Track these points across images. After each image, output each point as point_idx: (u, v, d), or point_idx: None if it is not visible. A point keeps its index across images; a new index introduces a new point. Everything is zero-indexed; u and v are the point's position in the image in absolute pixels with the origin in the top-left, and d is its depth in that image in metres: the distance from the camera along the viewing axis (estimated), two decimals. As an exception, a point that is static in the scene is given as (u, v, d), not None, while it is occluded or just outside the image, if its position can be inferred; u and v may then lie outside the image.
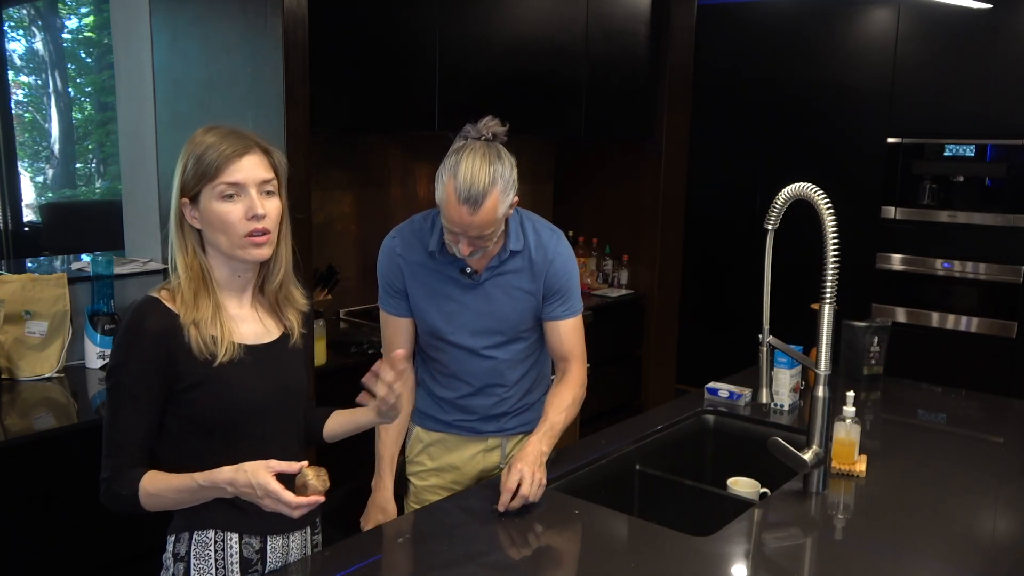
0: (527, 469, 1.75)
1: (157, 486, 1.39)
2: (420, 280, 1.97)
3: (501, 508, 1.71)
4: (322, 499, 1.37)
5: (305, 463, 1.38)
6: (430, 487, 2.07)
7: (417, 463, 2.10)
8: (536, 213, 2.10)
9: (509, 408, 2.04)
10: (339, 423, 1.65)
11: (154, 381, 1.41)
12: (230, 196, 1.41)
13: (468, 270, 1.94)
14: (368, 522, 1.96)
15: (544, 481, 1.78)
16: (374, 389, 1.51)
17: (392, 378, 1.50)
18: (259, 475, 1.32)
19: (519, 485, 1.72)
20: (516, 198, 1.88)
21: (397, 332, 2.02)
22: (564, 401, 1.96)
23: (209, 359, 1.42)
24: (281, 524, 1.54)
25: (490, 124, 1.89)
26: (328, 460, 1.68)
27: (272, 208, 1.45)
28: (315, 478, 1.37)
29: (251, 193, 1.42)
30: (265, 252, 1.46)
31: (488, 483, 1.90)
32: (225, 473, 1.35)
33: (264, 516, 1.51)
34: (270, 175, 1.45)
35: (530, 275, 1.97)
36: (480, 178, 1.79)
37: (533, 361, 2.07)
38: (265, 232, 1.43)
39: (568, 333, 2.01)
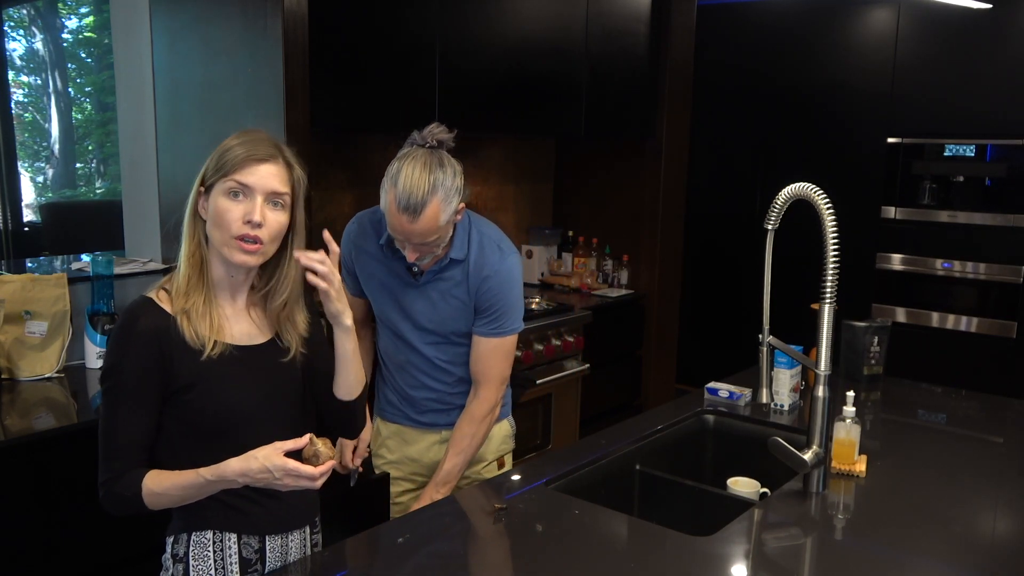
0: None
1: (162, 485, 1.39)
2: (370, 270, 2.04)
3: None
4: (336, 463, 1.41)
5: (310, 435, 1.40)
6: (393, 480, 2.15)
7: (379, 456, 2.18)
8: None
9: (456, 404, 2.09)
10: (338, 374, 1.62)
11: (149, 381, 1.41)
12: (235, 194, 1.42)
13: (415, 268, 1.99)
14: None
15: None
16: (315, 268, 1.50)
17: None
18: (273, 458, 1.34)
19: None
20: (462, 205, 1.91)
21: (353, 307, 2.03)
22: (463, 440, 2.03)
23: (200, 349, 1.42)
24: (279, 523, 1.55)
25: (435, 131, 1.90)
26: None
27: (273, 221, 1.44)
28: (323, 446, 1.40)
29: (256, 199, 1.42)
30: (251, 260, 1.45)
31: (487, 483, 1.90)
32: (234, 465, 1.36)
33: (262, 516, 1.51)
34: (284, 189, 1.45)
35: (465, 287, 2.00)
36: (419, 187, 1.80)
37: None
38: (257, 240, 1.42)
39: (486, 352, 2.02)
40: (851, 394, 1.95)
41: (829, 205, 1.75)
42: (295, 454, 1.37)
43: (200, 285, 1.46)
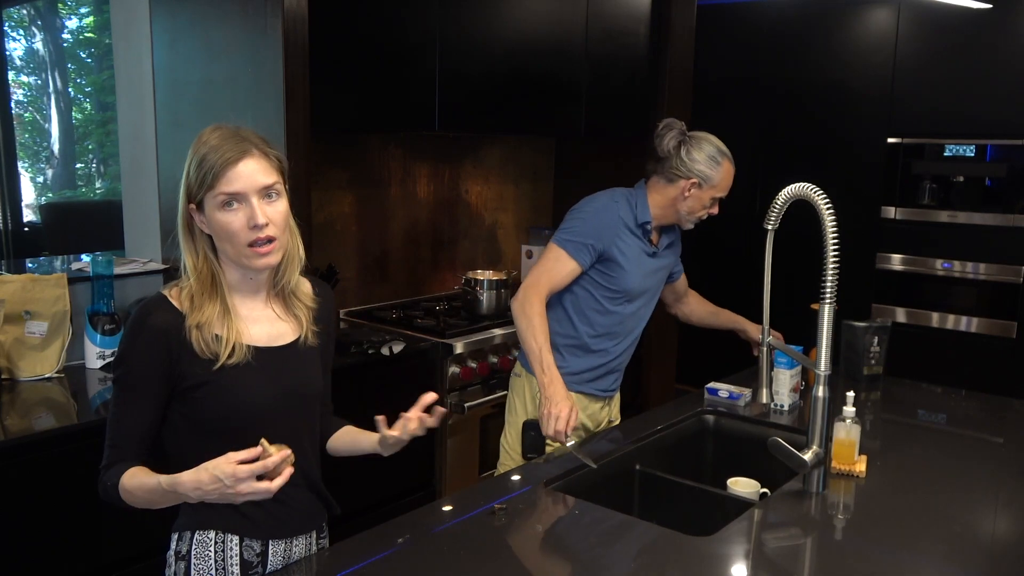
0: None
1: (132, 484, 1.38)
2: (628, 244, 2.31)
3: None
4: (289, 454, 1.34)
5: (262, 439, 1.34)
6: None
7: None
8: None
9: (623, 367, 2.47)
10: (344, 442, 1.65)
11: (155, 377, 1.41)
12: (230, 204, 1.39)
13: (653, 240, 2.37)
14: (566, 408, 2.04)
15: None
16: (397, 427, 1.51)
17: (432, 422, 1.52)
18: (223, 466, 1.28)
19: None
20: None
21: (570, 275, 2.27)
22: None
23: (212, 359, 1.42)
24: (284, 529, 1.54)
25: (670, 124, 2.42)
26: (333, 466, 1.68)
27: (276, 213, 1.42)
28: (276, 450, 1.33)
29: (252, 201, 1.39)
30: (272, 260, 1.44)
31: (487, 483, 1.90)
32: (185, 477, 1.31)
33: (266, 520, 1.51)
34: (272, 179, 1.41)
35: (676, 247, 2.52)
36: None
37: None
38: (270, 240, 1.41)
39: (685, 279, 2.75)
40: (851, 394, 1.95)
41: (829, 205, 1.75)
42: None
43: (214, 296, 1.44)
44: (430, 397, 1.52)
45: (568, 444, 1.97)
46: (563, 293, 2.32)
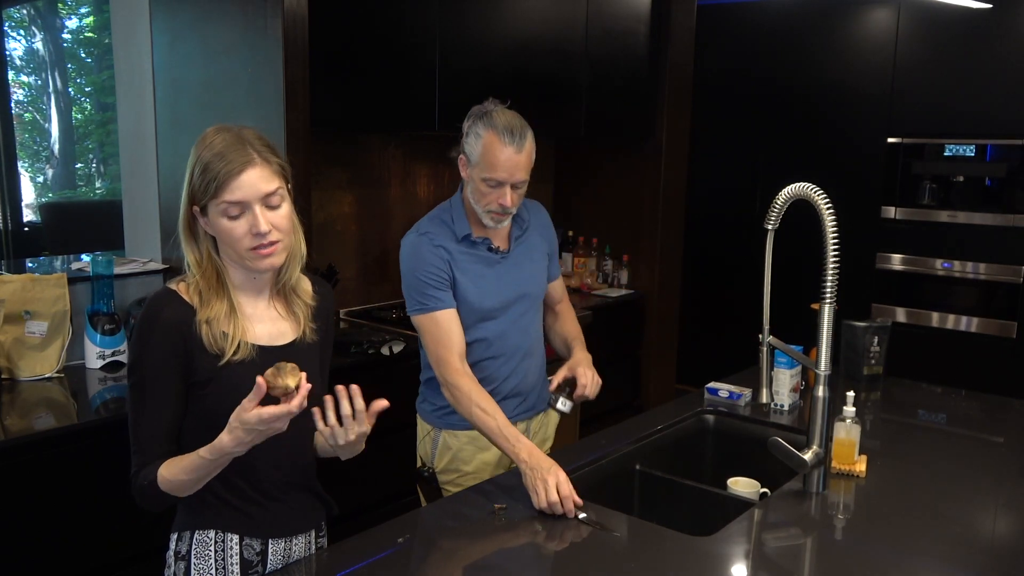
0: (590, 372, 2.05)
1: (172, 471, 1.39)
2: (462, 266, 2.02)
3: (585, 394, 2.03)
4: (303, 375, 1.32)
5: (268, 372, 1.32)
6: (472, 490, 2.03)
7: (452, 471, 2.11)
8: None
9: (536, 379, 2.16)
10: (318, 442, 1.62)
11: (173, 372, 1.41)
12: (233, 212, 1.39)
13: (494, 247, 2.06)
14: (556, 479, 1.71)
15: (600, 381, 2.07)
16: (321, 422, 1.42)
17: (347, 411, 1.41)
18: (245, 417, 1.28)
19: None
20: None
21: (453, 324, 1.99)
22: (577, 326, 2.27)
23: (219, 354, 1.42)
24: (283, 527, 1.54)
25: (496, 103, 2.05)
26: (335, 469, 1.68)
27: (279, 219, 1.42)
28: (281, 378, 1.31)
29: (254, 210, 1.39)
30: (276, 261, 1.45)
31: (487, 483, 1.90)
32: (225, 439, 1.32)
33: (265, 518, 1.51)
34: (274, 185, 1.41)
35: (542, 238, 2.18)
36: (516, 120, 1.97)
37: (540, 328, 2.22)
38: (272, 243, 1.42)
39: (561, 286, 2.32)
40: (851, 394, 1.95)
41: (829, 205, 1.75)
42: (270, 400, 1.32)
43: (221, 292, 1.45)
44: (381, 404, 1.43)
45: (580, 517, 1.70)
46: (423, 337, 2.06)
